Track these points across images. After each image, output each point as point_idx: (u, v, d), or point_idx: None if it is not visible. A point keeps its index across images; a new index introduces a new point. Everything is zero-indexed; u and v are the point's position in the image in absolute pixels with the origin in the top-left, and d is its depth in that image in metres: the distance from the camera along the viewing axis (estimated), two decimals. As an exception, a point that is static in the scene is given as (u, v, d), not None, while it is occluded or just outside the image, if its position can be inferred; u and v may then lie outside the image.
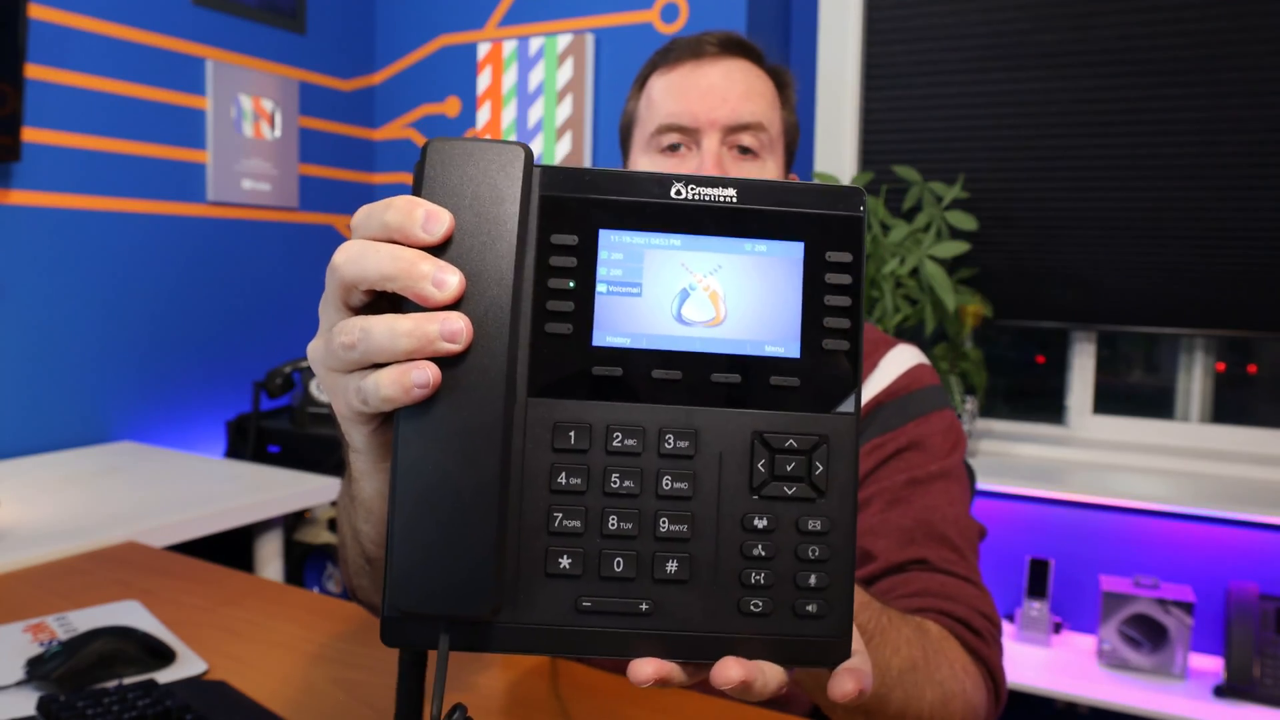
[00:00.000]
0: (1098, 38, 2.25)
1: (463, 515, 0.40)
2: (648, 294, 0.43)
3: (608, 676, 0.90)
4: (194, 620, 0.98)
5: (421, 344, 0.41)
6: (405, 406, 0.41)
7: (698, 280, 0.44)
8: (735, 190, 0.44)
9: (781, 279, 0.44)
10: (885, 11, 2.45)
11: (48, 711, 0.74)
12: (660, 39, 2.39)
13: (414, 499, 0.41)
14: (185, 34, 2.27)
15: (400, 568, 0.41)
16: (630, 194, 0.44)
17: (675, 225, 0.44)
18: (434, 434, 0.41)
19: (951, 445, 0.92)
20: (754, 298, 0.44)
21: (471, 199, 0.42)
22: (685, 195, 0.44)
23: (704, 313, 0.44)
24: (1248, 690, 1.98)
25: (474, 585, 0.40)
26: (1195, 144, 2.19)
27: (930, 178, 2.35)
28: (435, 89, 2.76)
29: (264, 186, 2.47)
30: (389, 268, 0.41)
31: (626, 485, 0.42)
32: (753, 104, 0.95)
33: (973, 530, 0.88)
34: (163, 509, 1.55)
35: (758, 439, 0.43)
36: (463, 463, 0.41)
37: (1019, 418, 2.57)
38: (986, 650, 0.78)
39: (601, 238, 0.43)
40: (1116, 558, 2.27)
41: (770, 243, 0.44)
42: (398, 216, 0.42)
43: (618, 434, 0.43)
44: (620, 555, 0.42)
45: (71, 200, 2.05)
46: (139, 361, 2.21)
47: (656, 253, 0.44)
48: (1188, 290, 2.25)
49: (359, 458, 0.51)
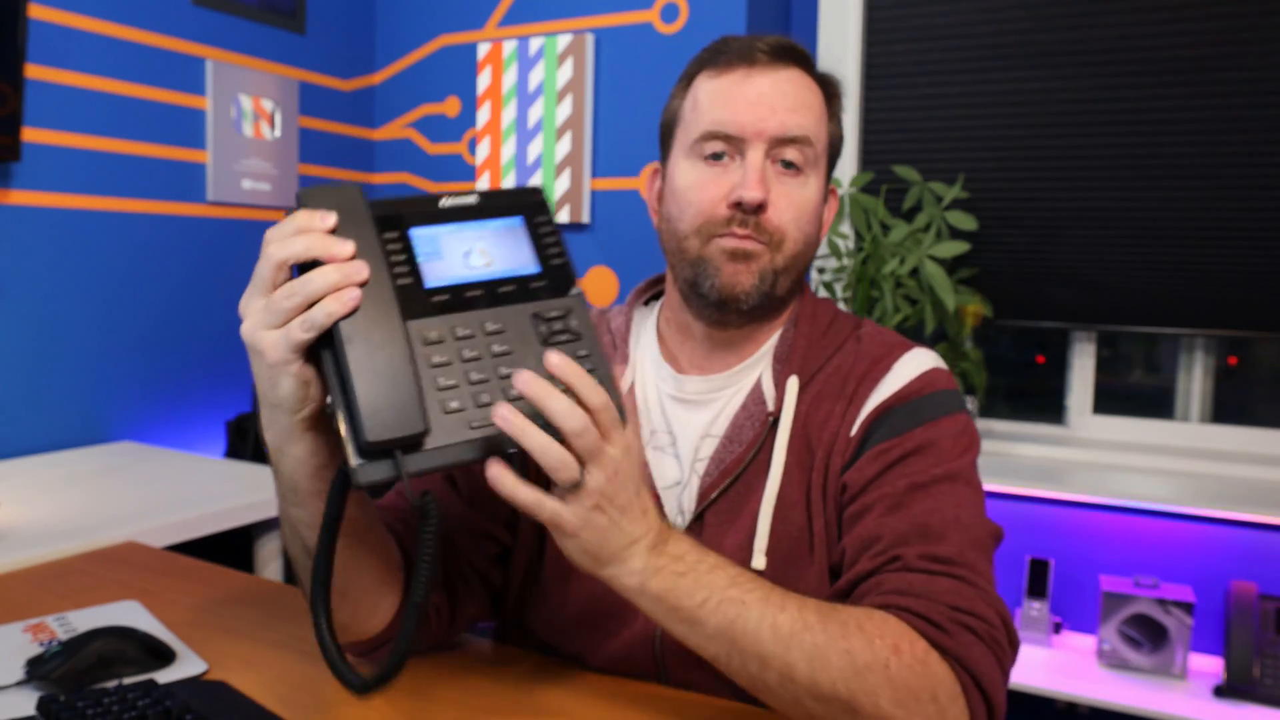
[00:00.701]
0: (1098, 37, 2.25)
1: (393, 377, 0.65)
2: (446, 257, 0.72)
3: (603, 679, 0.89)
4: (194, 620, 0.98)
5: (343, 278, 0.65)
6: (342, 320, 0.65)
7: (472, 244, 0.73)
8: (476, 196, 0.74)
9: (517, 236, 0.75)
10: (885, 11, 2.45)
11: (48, 712, 0.74)
12: (660, 39, 2.39)
13: (363, 372, 0.65)
14: (185, 34, 2.27)
15: (366, 414, 0.64)
16: (420, 207, 0.72)
17: (449, 218, 0.73)
18: (364, 331, 0.65)
19: (962, 449, 0.89)
20: (505, 248, 0.74)
21: (343, 212, 0.68)
22: (449, 202, 0.73)
23: (481, 260, 0.73)
24: (1248, 690, 1.98)
25: (411, 413, 0.65)
26: (1196, 143, 2.19)
27: (930, 178, 2.35)
28: (435, 89, 2.76)
29: (264, 186, 2.47)
30: (306, 244, 0.66)
31: (473, 354, 0.70)
32: (801, 117, 0.92)
33: (981, 531, 0.84)
34: (163, 509, 1.55)
35: (534, 316, 0.73)
36: (386, 344, 0.66)
37: (1019, 418, 2.56)
38: (951, 643, 0.74)
39: (411, 233, 0.71)
40: (1116, 558, 2.27)
41: (505, 218, 0.75)
42: (303, 219, 0.66)
43: (458, 328, 0.70)
44: (484, 392, 0.69)
45: (71, 200, 2.05)
46: (139, 361, 2.21)
47: (444, 235, 0.73)
48: (1188, 290, 2.25)
49: (285, 420, 0.70)
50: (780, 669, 0.72)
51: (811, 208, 0.95)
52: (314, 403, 0.69)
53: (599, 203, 2.53)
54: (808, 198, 0.94)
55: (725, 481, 0.91)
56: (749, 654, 0.72)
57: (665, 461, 0.96)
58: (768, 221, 0.91)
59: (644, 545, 0.72)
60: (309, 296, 0.64)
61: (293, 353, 0.66)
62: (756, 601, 0.72)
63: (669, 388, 0.99)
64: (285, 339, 0.65)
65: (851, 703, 0.71)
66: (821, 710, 0.72)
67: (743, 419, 0.94)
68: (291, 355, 0.66)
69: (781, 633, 0.71)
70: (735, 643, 0.72)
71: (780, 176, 0.93)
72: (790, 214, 0.92)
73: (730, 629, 0.72)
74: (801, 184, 0.94)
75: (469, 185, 2.70)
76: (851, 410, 0.91)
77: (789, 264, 0.94)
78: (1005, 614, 0.78)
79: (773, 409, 0.93)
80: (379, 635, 0.86)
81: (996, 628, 0.76)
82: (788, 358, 0.95)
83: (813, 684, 0.71)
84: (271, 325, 0.66)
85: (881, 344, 0.96)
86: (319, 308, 0.64)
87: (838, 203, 1.03)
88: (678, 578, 0.72)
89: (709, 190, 0.93)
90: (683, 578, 0.72)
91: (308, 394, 0.68)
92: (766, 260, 0.92)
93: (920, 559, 0.79)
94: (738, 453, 0.92)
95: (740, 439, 0.92)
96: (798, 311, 0.99)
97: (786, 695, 0.73)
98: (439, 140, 2.77)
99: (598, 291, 2.53)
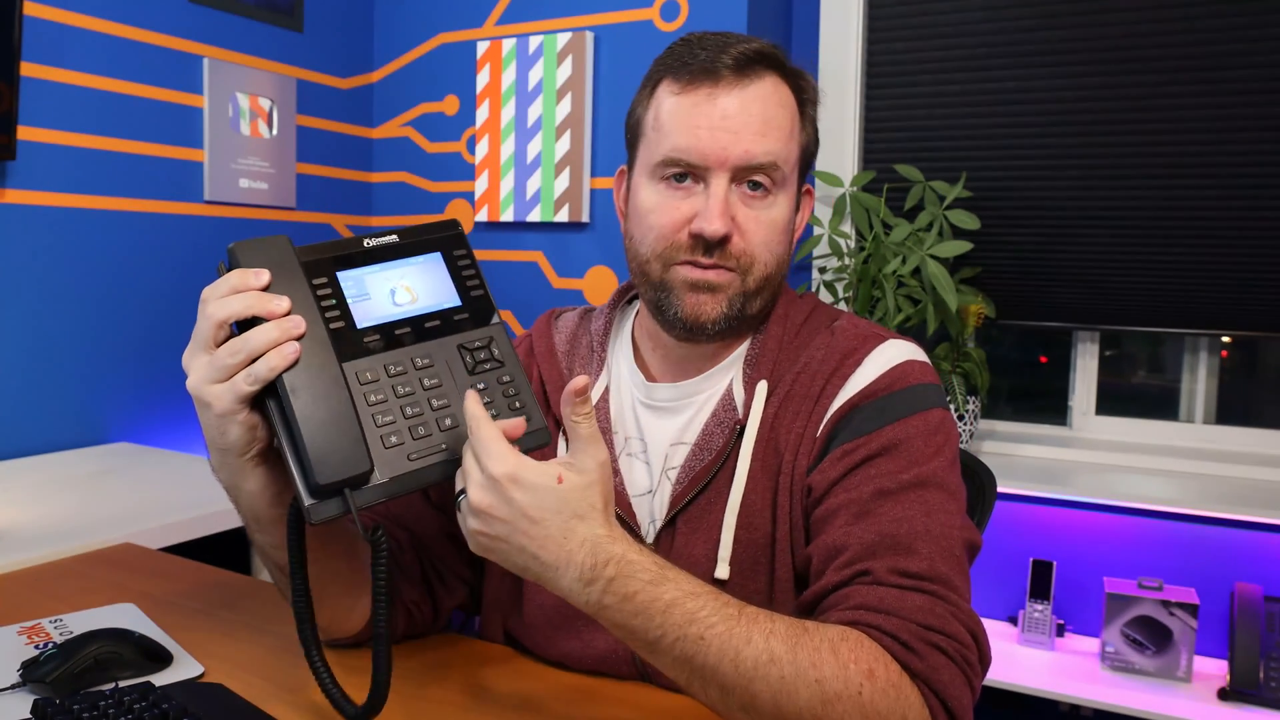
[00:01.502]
0: (1102, 35, 2.24)
1: (336, 422, 0.70)
2: (374, 296, 0.76)
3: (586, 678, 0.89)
4: (190, 623, 0.98)
5: (282, 334, 0.70)
6: (285, 373, 0.69)
7: (396, 283, 0.77)
8: (396, 235, 0.79)
9: (438, 271, 0.79)
10: (887, 9, 2.45)
11: (43, 715, 0.73)
12: (660, 37, 2.38)
13: (308, 419, 0.69)
14: (182, 32, 2.25)
15: (315, 459, 0.68)
16: (345, 250, 0.76)
17: (373, 260, 0.77)
18: (306, 381, 0.70)
19: (934, 449, 0.84)
20: (427, 284, 0.79)
21: (272, 264, 0.72)
22: (372, 243, 0.77)
23: (407, 297, 0.77)
24: (1253, 693, 1.97)
25: (356, 454, 0.70)
26: (1201, 142, 2.19)
27: (932, 177, 2.34)
28: (434, 87, 2.75)
29: (261, 185, 2.46)
30: (245, 303, 0.70)
31: (407, 390, 0.74)
32: (769, 141, 0.89)
33: (953, 541, 0.80)
34: (159, 511, 1.54)
35: (460, 348, 0.78)
36: (328, 392, 0.70)
37: (1022, 418, 2.56)
38: (921, 665, 0.71)
39: (340, 276, 0.75)
40: (1120, 559, 2.26)
41: (424, 255, 0.79)
42: (238, 279, 0.71)
43: (391, 366, 0.74)
44: (420, 425, 0.74)
45: (67, 199, 2.04)
46: (136, 362, 2.19)
47: (369, 276, 0.77)
48: (1192, 290, 2.24)
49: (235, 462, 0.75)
50: (743, 699, 0.70)
51: (781, 227, 0.92)
52: (261, 443, 0.74)
53: (598, 202, 2.52)
54: (776, 218, 0.91)
55: (694, 490, 0.90)
56: (710, 683, 0.71)
57: (636, 468, 0.96)
58: (735, 248, 0.90)
59: (574, 575, 0.70)
60: (251, 353, 0.70)
61: (238, 404, 0.71)
62: (717, 638, 0.70)
63: (641, 394, 0.99)
64: (231, 392, 0.70)
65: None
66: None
67: (713, 426, 0.93)
68: (238, 406, 0.71)
69: (744, 667, 0.69)
70: (695, 674, 0.71)
71: (747, 200, 0.90)
72: (759, 238, 0.90)
73: (689, 664, 0.70)
74: (769, 205, 0.91)
75: (393, 220, 2.70)
76: (818, 409, 0.89)
77: (760, 286, 0.92)
78: (978, 630, 0.76)
79: (741, 416, 0.92)
80: (359, 632, 0.91)
81: (968, 647, 0.74)
82: (758, 362, 0.94)
83: (777, 713, 0.70)
84: (216, 380, 0.71)
85: (854, 337, 0.93)
86: (262, 363, 0.69)
87: (813, 201, 1.01)
88: (630, 617, 0.70)
89: (669, 215, 0.90)
90: (635, 618, 0.70)
91: (254, 437, 0.74)
92: (736, 288, 0.91)
93: (890, 573, 0.76)
94: (706, 461, 0.91)
95: (710, 446, 0.92)
96: (771, 313, 0.97)
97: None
98: (437, 139, 2.76)
99: (598, 291, 2.52)
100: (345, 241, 0.77)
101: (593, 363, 1.01)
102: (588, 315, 1.08)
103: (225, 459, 0.75)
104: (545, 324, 1.08)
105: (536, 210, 2.56)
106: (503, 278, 2.66)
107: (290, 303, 0.71)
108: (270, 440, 0.74)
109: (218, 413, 0.71)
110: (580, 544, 0.70)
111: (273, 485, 0.77)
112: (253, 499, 0.77)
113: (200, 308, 0.72)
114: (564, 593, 0.71)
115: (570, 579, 0.70)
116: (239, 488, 0.77)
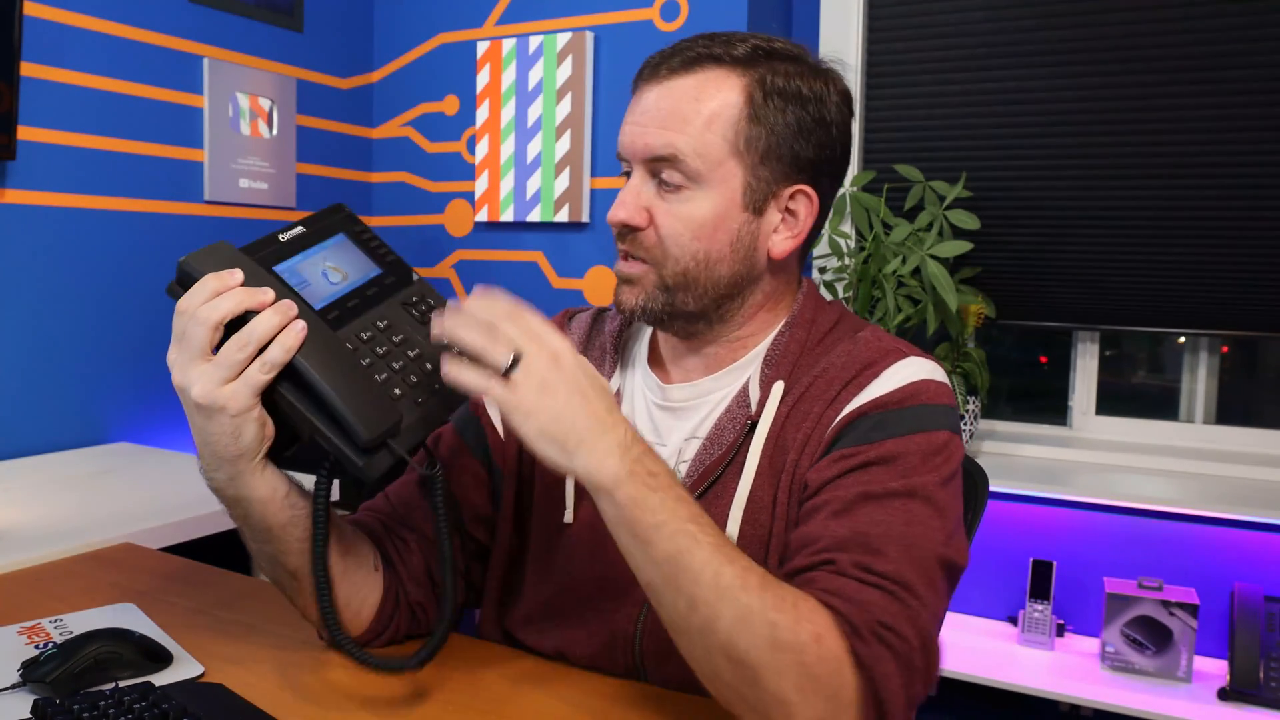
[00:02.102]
0: (1102, 34, 2.24)
1: (359, 381, 0.75)
2: (312, 282, 0.81)
3: (582, 676, 0.89)
4: (190, 623, 0.97)
5: (283, 317, 0.74)
6: (297, 352, 0.73)
7: (322, 265, 0.83)
8: (302, 226, 0.85)
9: (349, 249, 0.86)
10: (887, 9, 2.45)
11: (43, 715, 0.73)
12: (660, 36, 2.38)
13: (336, 385, 0.73)
14: (182, 32, 2.25)
15: (356, 419, 0.73)
16: (270, 246, 0.81)
17: (295, 250, 0.83)
18: (318, 353, 0.74)
19: (931, 467, 0.83)
20: (347, 261, 0.85)
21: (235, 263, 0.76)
22: (287, 236, 0.83)
23: (338, 276, 0.84)
24: (1253, 693, 1.97)
25: (388, 405, 0.76)
26: (1201, 142, 2.18)
27: (932, 176, 2.34)
28: (434, 87, 2.75)
29: (261, 185, 2.46)
30: (235, 300, 0.73)
31: (383, 349, 0.80)
32: (668, 134, 0.88)
33: (928, 554, 0.78)
34: (159, 511, 1.54)
35: (402, 305, 0.85)
36: (339, 356, 0.75)
37: (1022, 418, 2.56)
38: (865, 651, 0.70)
39: (277, 269, 0.80)
40: (1120, 559, 2.26)
41: (332, 239, 0.86)
42: (215, 282, 0.74)
43: (361, 333, 0.80)
44: (410, 374, 0.80)
45: (67, 199, 2.04)
46: (136, 362, 2.19)
47: (299, 265, 0.82)
48: (1192, 290, 2.24)
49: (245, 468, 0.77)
50: (706, 617, 0.71)
51: (699, 222, 0.90)
52: (269, 441, 0.77)
53: (598, 202, 2.52)
54: (691, 214, 0.90)
55: (705, 484, 0.91)
56: (683, 591, 0.72)
57: None
58: (645, 239, 0.91)
59: (614, 440, 0.74)
60: (258, 342, 0.72)
61: (254, 397, 0.73)
62: (709, 544, 0.73)
63: (655, 397, 0.99)
64: (246, 386, 0.73)
65: (758, 673, 0.70)
66: (729, 672, 0.72)
67: (725, 422, 0.93)
68: (253, 400, 0.73)
69: (721, 582, 0.71)
70: (675, 576, 0.72)
71: (660, 193, 0.91)
72: (667, 231, 0.90)
73: (676, 560, 0.72)
74: (684, 200, 0.90)
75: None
76: (830, 412, 0.89)
77: (679, 281, 0.91)
78: (930, 642, 0.75)
79: (755, 413, 0.92)
80: (366, 631, 0.92)
81: (915, 651, 0.73)
82: (777, 362, 0.94)
83: (729, 643, 0.71)
84: (227, 380, 0.73)
85: (876, 349, 0.92)
86: (275, 346, 0.73)
87: (809, 203, 0.94)
88: (648, 491, 0.73)
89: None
90: (652, 493, 0.73)
91: (265, 434, 0.76)
92: (652, 280, 0.92)
93: (854, 567, 0.76)
94: (717, 455, 0.92)
95: (721, 441, 0.92)
96: (795, 315, 0.97)
97: (701, 644, 0.73)
98: (437, 139, 2.75)
99: (598, 291, 2.52)
100: (263, 240, 0.82)
101: (605, 365, 1.02)
102: (601, 316, 1.09)
103: (237, 469, 0.77)
104: (559, 326, 1.09)
105: (536, 210, 2.56)
106: (503, 278, 2.66)
107: (274, 292, 0.74)
108: (274, 437, 0.77)
109: (233, 413, 0.73)
110: (619, 419, 0.76)
111: (282, 487, 0.80)
112: (264, 506, 0.79)
113: (181, 320, 0.74)
114: (600, 455, 0.74)
115: (610, 442, 0.74)
116: (248, 500, 0.79)
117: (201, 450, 0.77)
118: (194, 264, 0.76)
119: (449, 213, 2.75)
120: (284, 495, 0.80)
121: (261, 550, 0.84)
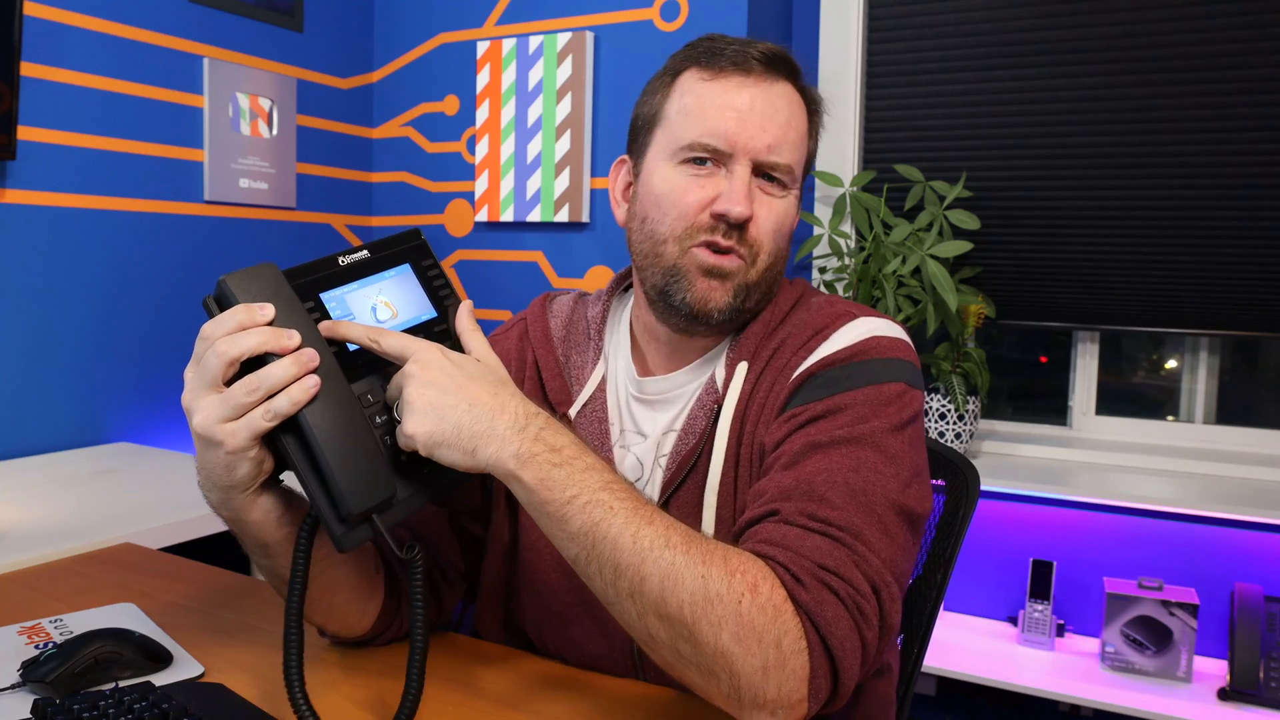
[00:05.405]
0: (1102, 34, 2.24)
1: (360, 450, 0.71)
2: (357, 316, 0.78)
3: (581, 675, 0.89)
4: (190, 622, 0.97)
5: (300, 368, 0.70)
6: (305, 406, 0.70)
7: (374, 299, 0.79)
8: (367, 250, 0.80)
9: (410, 283, 0.81)
10: (887, 9, 2.45)
11: (43, 715, 0.73)
12: (660, 37, 2.38)
13: (333, 451, 0.70)
14: (182, 32, 2.25)
15: (345, 489, 0.70)
16: (324, 271, 0.77)
17: (350, 278, 0.78)
18: (327, 413, 0.70)
19: (881, 415, 0.84)
20: (403, 297, 0.81)
21: (271, 296, 0.71)
22: (346, 261, 0.78)
23: (387, 313, 0.79)
24: (1253, 693, 1.97)
25: (383, 480, 0.72)
26: (1201, 142, 2.18)
27: (932, 176, 2.34)
28: (434, 87, 2.75)
29: (261, 185, 2.46)
30: (257, 339, 0.69)
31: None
32: (790, 138, 0.93)
33: (877, 498, 0.79)
34: (159, 510, 1.54)
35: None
36: (348, 421, 0.71)
37: (1022, 418, 2.56)
38: (806, 597, 0.71)
39: (324, 298, 0.76)
40: (1120, 559, 2.26)
41: (395, 269, 0.81)
42: (245, 315, 0.70)
43: (383, 385, 0.76)
44: None
45: (67, 199, 2.04)
46: (136, 362, 2.19)
47: (349, 294, 0.78)
48: (1192, 290, 2.24)
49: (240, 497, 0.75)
50: (632, 580, 0.71)
51: (789, 223, 0.96)
52: (265, 475, 0.75)
53: (598, 202, 2.52)
54: (787, 213, 0.95)
55: (681, 474, 0.92)
56: (605, 560, 0.71)
57: (627, 459, 0.98)
58: (750, 234, 0.92)
59: (506, 423, 0.73)
60: (269, 390, 0.69)
61: (253, 441, 0.70)
62: (625, 510, 0.72)
63: (633, 389, 1.00)
64: (247, 429, 0.70)
65: (694, 629, 0.69)
66: (663, 631, 0.71)
67: (697, 411, 0.94)
68: (252, 443, 0.71)
69: (641, 545, 0.71)
70: (595, 547, 0.71)
71: (765, 190, 0.93)
72: (770, 227, 0.93)
73: (593, 531, 0.71)
74: (784, 197, 0.94)
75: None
76: (782, 379, 0.91)
77: (761, 278, 0.94)
78: (882, 586, 0.75)
79: (720, 396, 0.94)
80: (368, 632, 0.92)
81: (864, 596, 0.73)
82: (740, 344, 0.95)
83: (660, 601, 0.70)
84: (229, 418, 0.70)
85: (829, 314, 0.94)
86: (283, 398, 0.69)
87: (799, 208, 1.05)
88: (552, 468, 0.72)
89: (693, 195, 0.92)
90: (557, 469, 0.72)
91: (260, 470, 0.74)
92: (742, 276, 0.93)
93: (798, 514, 0.77)
94: (691, 444, 0.93)
95: (694, 430, 0.93)
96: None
97: (633, 609, 0.72)
98: (437, 139, 2.75)
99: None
100: (321, 262, 0.77)
101: (589, 350, 1.02)
102: (583, 300, 1.08)
103: (229, 496, 0.75)
104: (540, 307, 1.08)
105: (536, 210, 2.56)
106: (503, 278, 2.66)
107: (300, 337, 0.71)
108: (272, 470, 0.75)
109: (229, 450, 0.70)
110: (510, 397, 0.76)
111: (276, 509, 0.78)
112: (259, 528, 0.78)
113: (203, 346, 0.70)
114: (497, 443, 0.73)
115: (505, 424, 0.73)
116: (243, 521, 0.77)
117: (198, 470, 0.77)
118: (232, 286, 0.71)
119: (449, 213, 2.75)
120: (279, 515, 0.78)
121: (259, 562, 0.84)
